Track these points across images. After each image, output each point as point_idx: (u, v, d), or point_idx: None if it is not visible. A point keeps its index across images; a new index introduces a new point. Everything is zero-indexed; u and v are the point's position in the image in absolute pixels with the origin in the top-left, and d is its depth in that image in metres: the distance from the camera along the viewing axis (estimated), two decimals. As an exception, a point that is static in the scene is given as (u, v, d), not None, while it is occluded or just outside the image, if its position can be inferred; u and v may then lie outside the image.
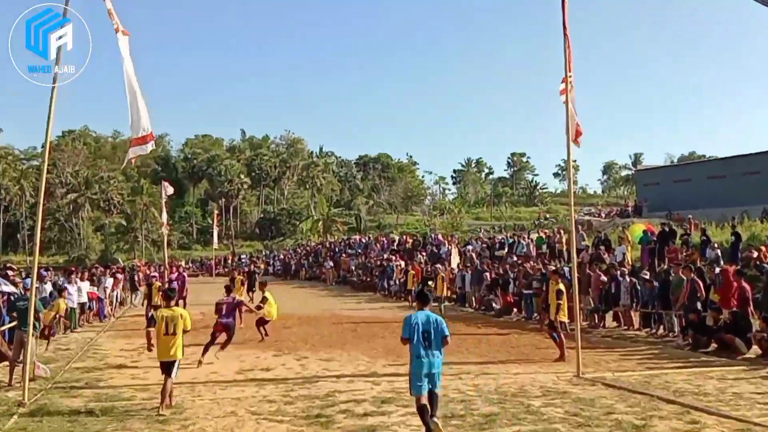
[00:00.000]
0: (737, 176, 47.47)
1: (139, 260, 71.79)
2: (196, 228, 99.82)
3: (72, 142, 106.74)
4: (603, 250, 24.51)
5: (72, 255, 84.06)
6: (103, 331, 20.21)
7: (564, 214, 79.76)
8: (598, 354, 13.98)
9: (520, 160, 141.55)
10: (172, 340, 9.52)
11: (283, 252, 63.54)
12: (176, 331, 9.54)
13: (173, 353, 9.52)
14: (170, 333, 9.54)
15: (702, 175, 52.85)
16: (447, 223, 74.65)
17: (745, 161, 49.24)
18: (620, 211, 64.35)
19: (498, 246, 30.77)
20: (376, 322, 20.37)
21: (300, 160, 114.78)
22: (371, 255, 40.17)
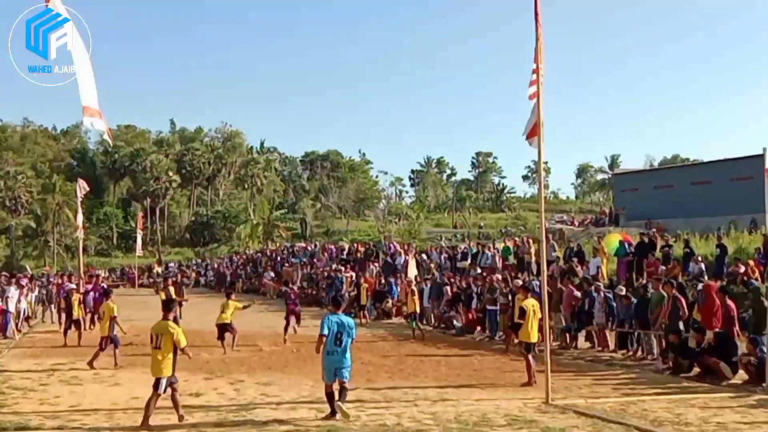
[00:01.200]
0: (724, 182, 48.33)
1: (49, 268, 70.48)
2: (117, 232, 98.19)
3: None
4: (576, 262, 24.82)
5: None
6: (7, 349, 19.73)
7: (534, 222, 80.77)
8: (569, 378, 14.15)
9: (485, 160, 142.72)
10: (159, 355, 10.08)
11: (217, 260, 62.91)
12: (161, 346, 10.04)
13: (160, 371, 10.05)
14: (158, 347, 10.10)
15: (685, 180, 53.85)
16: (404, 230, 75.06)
17: (732, 166, 50.04)
18: (595, 219, 65.50)
19: (460, 256, 30.91)
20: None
21: (238, 157, 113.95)
22: (318, 265, 40.05)
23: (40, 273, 57.78)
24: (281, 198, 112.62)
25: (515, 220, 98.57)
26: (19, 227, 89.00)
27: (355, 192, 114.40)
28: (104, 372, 15.20)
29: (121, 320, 17.68)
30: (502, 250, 29.87)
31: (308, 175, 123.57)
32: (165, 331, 10.15)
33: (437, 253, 33.23)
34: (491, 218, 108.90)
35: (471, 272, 26.10)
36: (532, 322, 13.80)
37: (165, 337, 10.09)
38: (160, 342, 10.08)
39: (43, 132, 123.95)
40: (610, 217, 57.00)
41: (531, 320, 13.80)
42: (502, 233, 69.42)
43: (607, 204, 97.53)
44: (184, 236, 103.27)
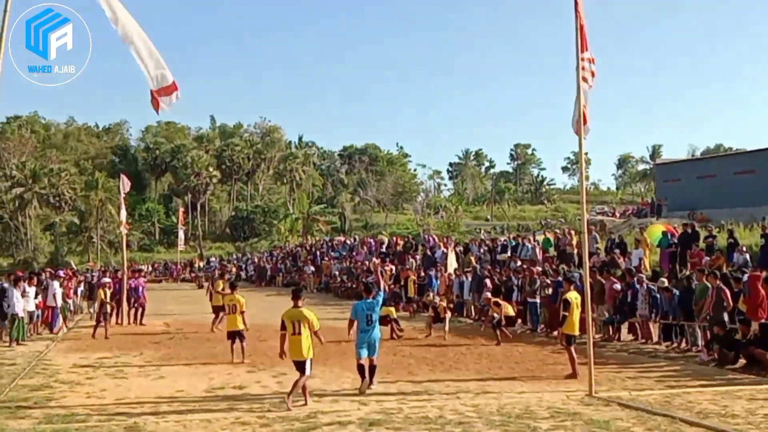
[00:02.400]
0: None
1: (94, 263, 71.57)
2: (159, 228, 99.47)
3: (18, 129, 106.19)
4: (617, 253, 24.56)
5: (17, 258, 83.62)
6: (54, 343, 20.11)
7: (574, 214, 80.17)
8: (612, 371, 14.05)
9: (524, 152, 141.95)
10: (299, 340, 11.02)
11: (257, 255, 63.41)
12: (302, 331, 11.01)
13: (304, 353, 11.00)
14: (296, 333, 11.05)
15: (729, 170, 52.94)
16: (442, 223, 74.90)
17: (777, 154, 49.30)
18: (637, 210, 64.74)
19: (500, 249, 30.77)
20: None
21: (277, 152, 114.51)
22: (357, 259, 40.12)
23: (85, 268, 58.79)
24: (320, 192, 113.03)
25: (555, 212, 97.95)
26: (63, 223, 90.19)
27: (393, 185, 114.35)
28: (149, 366, 15.41)
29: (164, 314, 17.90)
30: (542, 242, 29.67)
31: (346, 169, 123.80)
32: (301, 317, 11.11)
33: (477, 245, 33.11)
34: (530, 210, 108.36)
35: (511, 265, 25.96)
36: (575, 314, 13.74)
37: (303, 323, 11.05)
38: (299, 327, 11.05)
39: (86, 129, 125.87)
40: (652, 208, 56.23)
41: (575, 312, 13.74)
42: (542, 225, 68.95)
43: (648, 195, 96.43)
44: (224, 231, 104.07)
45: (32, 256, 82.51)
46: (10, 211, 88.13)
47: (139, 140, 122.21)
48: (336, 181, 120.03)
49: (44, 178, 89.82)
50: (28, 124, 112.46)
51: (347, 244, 46.80)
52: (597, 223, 48.47)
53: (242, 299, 16.22)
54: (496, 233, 62.79)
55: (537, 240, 30.49)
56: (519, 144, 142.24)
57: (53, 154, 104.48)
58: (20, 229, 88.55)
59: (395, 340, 19.42)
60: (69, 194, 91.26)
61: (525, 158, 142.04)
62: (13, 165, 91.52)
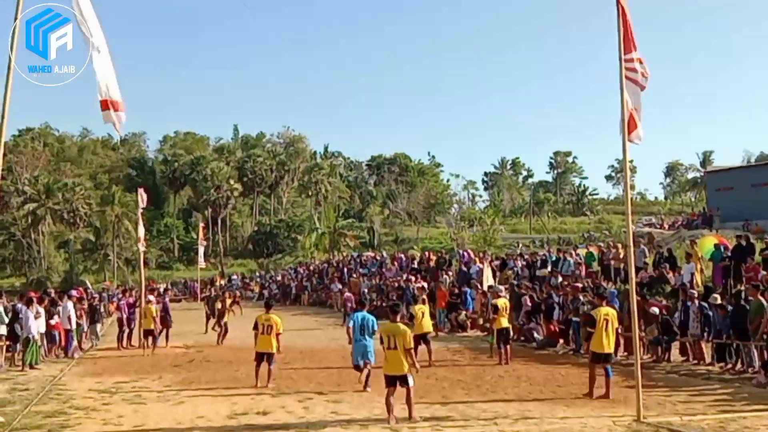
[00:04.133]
0: (830, 179, 46.96)
1: (110, 282, 72.24)
2: (178, 244, 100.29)
3: (31, 142, 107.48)
4: (666, 268, 24.35)
5: (30, 277, 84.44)
6: (69, 367, 20.30)
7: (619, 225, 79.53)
8: (662, 394, 13.90)
9: (564, 160, 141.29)
10: (396, 355, 11.55)
11: (281, 272, 63.63)
12: (398, 346, 11.53)
13: (402, 368, 11.53)
14: (393, 347, 11.57)
15: (787, 177, 52.35)
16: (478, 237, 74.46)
17: (840, 161, 48.67)
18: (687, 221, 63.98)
19: (539, 264, 30.66)
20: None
21: (301, 162, 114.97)
22: (387, 275, 40.11)
23: (101, 288, 59.35)
24: (347, 205, 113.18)
25: (598, 224, 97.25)
26: (78, 241, 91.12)
27: (425, 197, 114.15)
28: (168, 391, 15.50)
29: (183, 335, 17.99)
30: (584, 257, 29.50)
31: (375, 181, 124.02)
32: (398, 331, 11.62)
33: (514, 260, 32.99)
34: (572, 222, 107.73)
35: (551, 281, 25.84)
36: (601, 331, 13.81)
37: (398, 338, 11.53)
38: (395, 342, 11.53)
39: (102, 141, 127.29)
40: (703, 219, 55.65)
41: (601, 330, 13.79)
42: (585, 238, 68.51)
43: (699, 205, 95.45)
44: (246, 247, 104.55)
45: (46, 276, 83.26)
46: (22, 228, 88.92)
47: (156, 152, 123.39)
48: (364, 193, 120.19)
49: (58, 193, 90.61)
50: (40, 136, 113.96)
51: (377, 260, 46.83)
52: (644, 235, 47.95)
53: (279, 320, 16.22)
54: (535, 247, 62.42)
55: (579, 254, 30.34)
56: (559, 151, 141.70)
57: (67, 167, 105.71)
58: (33, 246, 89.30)
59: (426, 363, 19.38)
60: (84, 210, 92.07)
61: (565, 167, 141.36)
62: (26, 179, 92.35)
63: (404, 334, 11.60)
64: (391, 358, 11.61)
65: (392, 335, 11.60)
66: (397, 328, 11.71)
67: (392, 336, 11.59)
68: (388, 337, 11.63)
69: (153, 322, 23.92)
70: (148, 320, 23.96)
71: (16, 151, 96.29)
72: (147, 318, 24.01)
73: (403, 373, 11.51)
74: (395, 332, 11.63)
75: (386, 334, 11.70)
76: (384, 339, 11.73)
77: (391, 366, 11.63)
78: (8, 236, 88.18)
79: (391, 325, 11.84)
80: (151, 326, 23.85)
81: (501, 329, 19.29)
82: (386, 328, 11.83)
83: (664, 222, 73.07)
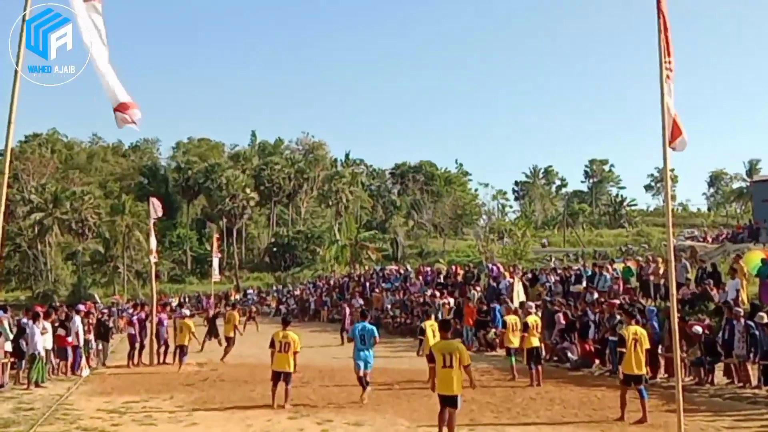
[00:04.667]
0: None
1: (120, 296, 72.63)
2: (191, 256, 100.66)
3: (38, 148, 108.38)
4: (710, 284, 24.15)
5: (36, 290, 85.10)
6: (76, 386, 20.42)
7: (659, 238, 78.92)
8: (705, 419, 13.81)
9: (600, 169, 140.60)
10: (450, 374, 11.61)
11: (299, 286, 63.73)
12: (453, 364, 11.59)
13: (455, 387, 11.63)
14: (448, 366, 11.61)
15: (838, 187, 51.95)
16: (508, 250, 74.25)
17: None
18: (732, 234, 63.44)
19: (574, 279, 30.53)
20: (418, 377, 20.27)
21: (321, 170, 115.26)
22: (412, 290, 40.07)
23: (110, 302, 59.68)
24: (369, 215, 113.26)
25: (637, 236, 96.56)
26: (86, 252, 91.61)
27: (452, 207, 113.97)
28: (180, 411, 15.56)
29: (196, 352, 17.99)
30: (622, 272, 29.33)
31: (399, 190, 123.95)
32: (454, 349, 11.70)
33: (547, 275, 32.86)
34: (608, 235, 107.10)
35: (587, 297, 25.71)
36: (633, 351, 13.86)
37: (455, 355, 11.59)
38: (451, 360, 11.58)
39: (112, 148, 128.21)
40: (750, 232, 55.18)
41: (631, 349, 13.85)
42: (622, 252, 68.13)
43: (745, 216, 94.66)
44: (263, 259, 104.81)
45: (52, 289, 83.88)
46: (28, 239, 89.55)
47: (169, 159, 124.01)
48: (387, 203, 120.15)
49: (66, 202, 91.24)
50: (48, 142, 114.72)
51: (400, 274, 46.77)
52: (686, 249, 47.66)
53: (296, 337, 16.27)
54: (569, 261, 62.15)
55: (616, 269, 30.17)
56: (594, 159, 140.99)
57: (76, 175, 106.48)
58: (39, 258, 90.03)
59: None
60: (93, 220, 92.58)
61: (602, 175, 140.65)
62: (32, 188, 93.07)
63: (461, 351, 11.71)
64: (446, 377, 11.64)
65: (448, 353, 11.65)
66: (453, 345, 11.83)
67: (448, 354, 11.63)
68: (443, 355, 11.65)
69: (189, 337, 24.55)
70: (183, 335, 24.54)
71: (23, 158, 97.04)
72: (183, 333, 24.58)
73: (454, 393, 11.59)
74: (451, 350, 11.69)
75: (441, 352, 11.73)
76: (438, 357, 11.75)
77: (444, 386, 11.66)
78: (13, 247, 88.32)
79: (445, 342, 12.01)
80: (185, 342, 24.43)
81: (531, 348, 19.25)
82: (441, 346, 11.92)
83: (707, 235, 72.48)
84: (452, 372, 11.57)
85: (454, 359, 11.58)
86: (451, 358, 11.58)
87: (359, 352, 16.35)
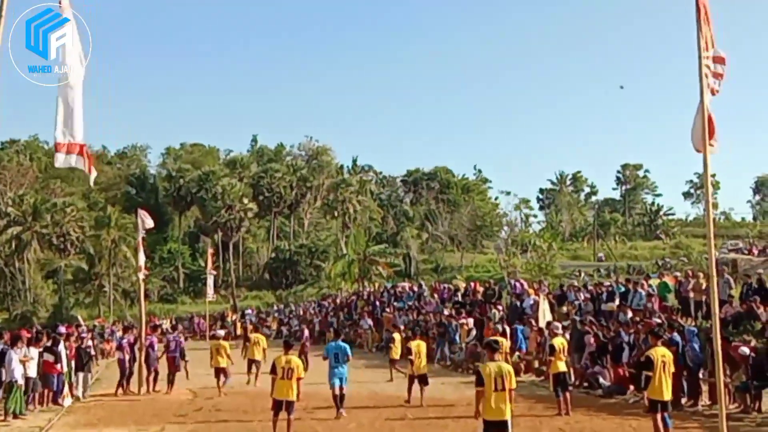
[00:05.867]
0: None
1: (104, 318, 72.69)
2: (184, 273, 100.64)
3: (16, 156, 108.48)
4: (756, 302, 24.08)
5: (14, 312, 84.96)
6: (57, 417, 20.44)
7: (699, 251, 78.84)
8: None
9: (634, 174, 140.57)
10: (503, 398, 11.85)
11: (303, 306, 63.76)
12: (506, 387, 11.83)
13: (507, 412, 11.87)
14: (500, 389, 11.84)
15: None
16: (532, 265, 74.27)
17: None
18: (780, 245, 63.41)
19: (605, 296, 30.49)
20: (434, 405, 20.26)
21: (326, 178, 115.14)
22: (426, 309, 40.05)
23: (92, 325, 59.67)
24: (379, 227, 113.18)
25: (675, 249, 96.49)
26: (68, 270, 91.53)
27: (470, 218, 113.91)
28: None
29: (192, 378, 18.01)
30: (658, 288, 29.28)
31: (412, 199, 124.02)
32: (505, 371, 11.98)
33: (576, 292, 32.82)
34: (643, 247, 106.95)
35: (620, 316, 25.67)
36: (660, 375, 13.98)
37: (507, 378, 11.88)
38: (503, 383, 11.84)
39: (96, 155, 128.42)
40: (800, 243, 55.16)
41: (660, 373, 13.96)
42: (659, 266, 68.02)
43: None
44: (262, 276, 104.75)
45: (32, 310, 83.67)
46: (5, 255, 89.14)
47: (159, 166, 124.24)
48: (399, 213, 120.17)
49: (46, 215, 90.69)
50: (27, 149, 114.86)
51: (414, 292, 46.72)
52: (729, 262, 47.63)
53: (300, 362, 16.34)
54: (600, 277, 62.08)
55: (652, 285, 30.12)
56: (627, 164, 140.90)
57: (57, 185, 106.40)
58: (17, 276, 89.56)
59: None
60: (76, 234, 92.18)
61: (635, 182, 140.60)
62: (9, 199, 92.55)
63: (512, 374, 12.00)
64: (498, 400, 11.82)
65: (499, 376, 11.82)
66: (505, 368, 12.04)
67: (500, 377, 11.81)
68: (494, 378, 11.80)
69: (226, 359, 24.77)
70: (220, 358, 24.73)
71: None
72: (219, 355, 24.75)
73: (505, 418, 11.81)
74: (502, 372, 11.89)
75: (491, 376, 11.84)
76: (487, 380, 11.82)
77: (497, 411, 11.80)
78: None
79: (495, 364, 12.07)
80: (222, 364, 24.63)
81: (558, 373, 19.23)
82: (491, 369, 11.95)
83: (753, 247, 72.33)
84: (505, 395, 11.78)
85: (507, 382, 11.79)
86: (503, 381, 11.76)
87: (334, 369, 18.81)
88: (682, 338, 19.01)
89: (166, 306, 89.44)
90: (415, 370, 21.28)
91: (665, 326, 22.11)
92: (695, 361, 18.82)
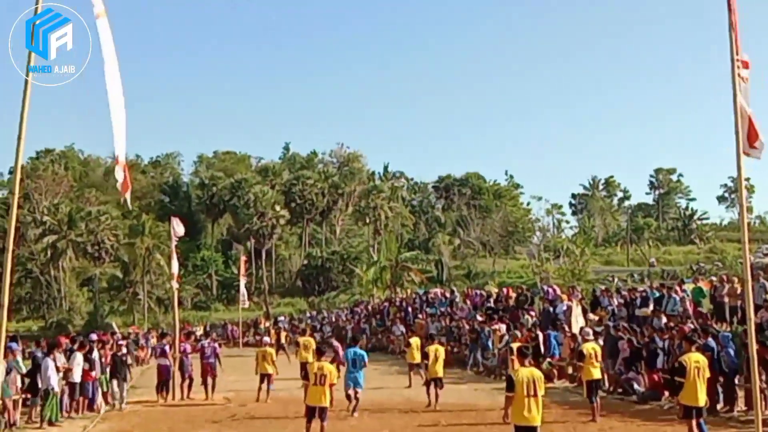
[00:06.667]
0: None
1: (138, 327, 73.03)
2: (217, 280, 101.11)
3: (51, 165, 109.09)
4: (792, 306, 23.81)
5: (49, 320, 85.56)
6: (93, 424, 20.55)
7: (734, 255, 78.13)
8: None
9: (668, 179, 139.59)
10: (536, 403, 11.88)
11: (335, 312, 63.82)
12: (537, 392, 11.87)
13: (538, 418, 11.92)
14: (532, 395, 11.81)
15: None
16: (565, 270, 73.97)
17: None
18: (817, 249, 62.71)
19: (639, 302, 30.26)
20: (466, 410, 20.20)
21: (357, 185, 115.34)
22: (459, 316, 39.97)
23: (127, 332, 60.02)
24: (411, 234, 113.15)
25: (709, 253, 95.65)
26: (103, 278, 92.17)
27: (502, 224, 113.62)
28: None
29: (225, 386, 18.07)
30: (693, 293, 29.03)
31: (443, 205, 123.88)
32: (537, 376, 11.99)
33: (609, 298, 32.61)
34: (677, 252, 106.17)
35: (654, 322, 25.48)
36: (694, 381, 13.86)
37: (539, 383, 11.91)
38: (535, 389, 11.85)
39: (130, 164, 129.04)
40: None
41: (692, 379, 13.85)
42: (693, 271, 67.50)
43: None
44: (295, 283, 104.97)
45: (67, 318, 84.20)
46: (40, 263, 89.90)
47: (192, 175, 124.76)
48: (430, 219, 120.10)
49: (81, 224, 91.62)
50: (62, 158, 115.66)
51: (446, 298, 46.60)
52: (764, 266, 47.05)
53: (333, 368, 16.30)
54: (633, 282, 61.67)
55: (686, 290, 29.87)
56: (661, 169, 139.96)
57: (92, 194, 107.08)
58: (52, 285, 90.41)
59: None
60: (110, 242, 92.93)
61: (669, 186, 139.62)
62: (45, 208, 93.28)
63: (542, 380, 12.04)
64: (534, 406, 11.84)
65: (532, 381, 11.84)
66: (536, 373, 12.04)
67: (532, 382, 11.83)
68: (526, 384, 11.80)
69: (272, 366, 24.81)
70: (266, 364, 24.76)
71: (34, 176, 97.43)
72: (266, 362, 24.77)
73: (537, 424, 11.87)
74: (534, 377, 11.90)
75: (523, 382, 11.84)
76: (518, 386, 11.81)
77: (529, 416, 11.82)
78: (25, 273, 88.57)
79: (528, 370, 12.07)
80: (268, 371, 24.59)
81: (591, 380, 19.10)
82: (523, 375, 11.95)
83: (789, 251, 71.66)
84: (537, 401, 11.81)
85: (538, 388, 11.81)
86: (535, 387, 11.78)
87: (350, 374, 20.05)
88: (717, 343, 18.82)
89: (200, 313, 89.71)
90: (431, 373, 21.34)
91: (700, 331, 21.99)
92: (730, 367, 18.62)
